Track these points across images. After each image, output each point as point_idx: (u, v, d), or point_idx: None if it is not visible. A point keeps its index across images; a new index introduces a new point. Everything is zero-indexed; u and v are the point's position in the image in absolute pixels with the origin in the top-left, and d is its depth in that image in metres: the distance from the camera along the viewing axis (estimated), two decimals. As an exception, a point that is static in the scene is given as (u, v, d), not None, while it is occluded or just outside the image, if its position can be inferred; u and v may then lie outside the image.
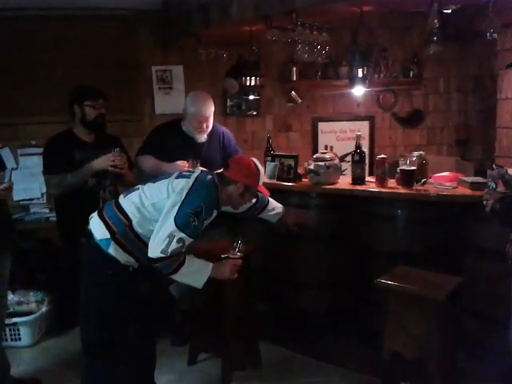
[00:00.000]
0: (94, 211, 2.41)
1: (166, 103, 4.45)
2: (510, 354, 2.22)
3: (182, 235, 2.10)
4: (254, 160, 2.42)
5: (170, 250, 2.09)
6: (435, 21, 3.72)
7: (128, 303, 2.30)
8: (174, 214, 2.12)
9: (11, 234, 2.80)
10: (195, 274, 2.25)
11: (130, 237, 2.23)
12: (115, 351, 2.30)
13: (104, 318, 2.26)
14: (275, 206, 2.81)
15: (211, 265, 2.28)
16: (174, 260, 2.13)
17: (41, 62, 4.06)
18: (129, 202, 2.29)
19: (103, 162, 2.89)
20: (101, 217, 2.30)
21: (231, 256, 2.45)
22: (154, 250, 2.11)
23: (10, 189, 2.56)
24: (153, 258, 2.12)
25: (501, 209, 2.11)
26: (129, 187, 2.52)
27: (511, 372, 2.28)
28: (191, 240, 2.16)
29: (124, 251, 2.24)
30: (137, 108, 4.43)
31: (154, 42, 4.42)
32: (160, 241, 2.10)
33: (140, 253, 2.24)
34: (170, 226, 2.11)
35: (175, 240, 2.09)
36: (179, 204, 2.15)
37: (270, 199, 2.78)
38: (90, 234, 2.28)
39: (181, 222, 2.11)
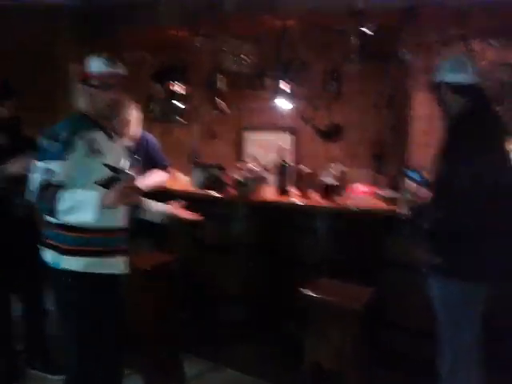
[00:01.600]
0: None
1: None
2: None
3: (40, 164, 1.98)
4: None
5: (36, 183, 1.97)
6: (356, 40, 3.94)
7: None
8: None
9: None
10: (80, 206, 1.94)
11: (71, 237, 2.04)
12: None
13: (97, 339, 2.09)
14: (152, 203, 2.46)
15: (96, 193, 1.99)
16: (48, 195, 1.93)
17: None
18: None
19: (20, 166, 2.69)
20: (42, 243, 2.13)
21: (119, 176, 1.98)
22: (30, 197, 2.00)
23: None
24: (33, 202, 2.01)
25: (411, 216, 2.31)
26: None
27: None
28: (58, 163, 1.96)
29: (77, 256, 2.03)
30: (57, 108, 4.21)
31: (75, 39, 4.22)
32: (31, 186, 2.00)
33: (88, 243, 2.04)
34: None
35: (35, 173, 1.98)
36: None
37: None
38: (46, 266, 2.09)
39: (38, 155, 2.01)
